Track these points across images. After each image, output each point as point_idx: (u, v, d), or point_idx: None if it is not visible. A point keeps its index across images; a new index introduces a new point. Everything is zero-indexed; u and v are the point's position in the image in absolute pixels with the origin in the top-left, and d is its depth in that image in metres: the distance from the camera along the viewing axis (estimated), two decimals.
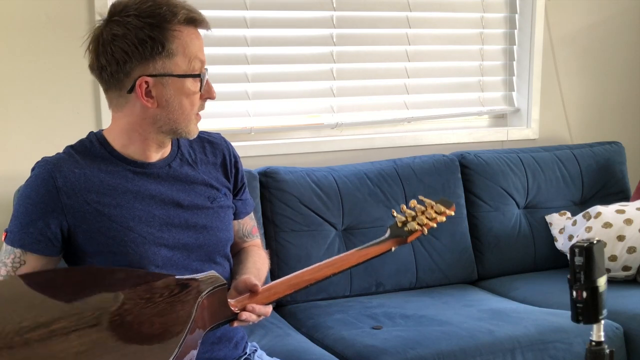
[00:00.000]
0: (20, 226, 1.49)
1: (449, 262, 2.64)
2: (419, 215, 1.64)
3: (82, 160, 1.53)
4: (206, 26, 1.51)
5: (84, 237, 1.49)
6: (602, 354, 1.28)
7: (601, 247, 1.27)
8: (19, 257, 1.49)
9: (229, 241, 1.65)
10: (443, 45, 2.98)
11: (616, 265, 2.53)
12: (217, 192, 1.63)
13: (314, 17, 2.75)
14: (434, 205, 1.65)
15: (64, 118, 2.40)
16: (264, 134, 2.79)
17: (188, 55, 1.47)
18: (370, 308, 2.35)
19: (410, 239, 1.61)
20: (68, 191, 1.48)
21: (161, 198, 1.55)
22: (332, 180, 2.54)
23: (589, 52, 3.19)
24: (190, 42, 1.47)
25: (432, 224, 1.63)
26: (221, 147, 1.69)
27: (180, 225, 1.56)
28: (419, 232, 1.62)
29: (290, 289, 1.50)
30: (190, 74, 1.48)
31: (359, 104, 2.89)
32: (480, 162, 2.76)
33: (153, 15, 1.44)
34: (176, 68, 1.47)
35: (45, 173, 1.49)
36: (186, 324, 1.29)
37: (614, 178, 2.94)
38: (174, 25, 1.45)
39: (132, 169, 1.54)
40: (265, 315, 1.47)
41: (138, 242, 1.50)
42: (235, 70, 2.66)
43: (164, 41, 1.44)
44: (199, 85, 1.50)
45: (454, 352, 2.02)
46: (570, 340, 2.13)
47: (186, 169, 1.60)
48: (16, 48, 2.32)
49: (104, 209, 1.49)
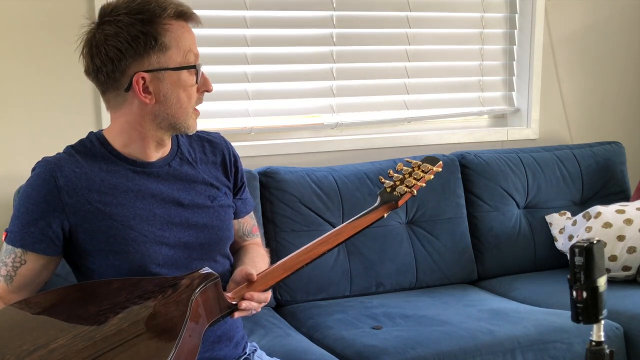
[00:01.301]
0: (21, 226, 1.49)
1: (449, 262, 2.64)
2: (406, 178, 1.63)
3: (82, 159, 1.53)
4: (196, 20, 1.52)
5: (85, 236, 1.50)
6: (602, 354, 1.28)
7: (601, 247, 1.27)
8: (19, 257, 1.49)
9: (229, 240, 1.66)
10: (443, 45, 2.98)
11: (616, 265, 2.53)
12: (217, 191, 1.64)
13: (314, 17, 2.75)
14: (421, 164, 1.65)
15: (64, 118, 2.40)
16: (264, 134, 2.79)
17: (181, 48, 1.48)
18: (370, 308, 2.35)
19: (400, 203, 1.61)
20: (69, 190, 1.49)
21: (162, 197, 1.55)
22: (332, 180, 2.54)
23: (589, 52, 3.19)
24: (182, 35, 1.48)
25: (421, 183, 1.63)
26: (221, 146, 1.70)
27: (180, 224, 1.56)
28: (408, 195, 1.62)
29: (287, 272, 1.51)
30: (186, 66, 1.49)
31: (359, 103, 2.89)
32: (480, 162, 2.76)
33: (143, 12, 1.45)
34: (171, 61, 1.47)
35: (47, 172, 1.49)
36: (181, 324, 1.29)
37: (614, 178, 2.94)
38: (164, 19, 1.46)
39: (132, 168, 1.54)
40: (265, 302, 1.49)
41: (139, 240, 1.50)
42: (235, 70, 2.66)
43: (156, 35, 1.45)
44: (194, 77, 1.50)
45: (454, 352, 2.02)
46: (570, 340, 2.13)
47: (186, 168, 1.61)
48: (16, 48, 2.32)
49: (105, 208, 1.50)
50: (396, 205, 1.61)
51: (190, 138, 1.67)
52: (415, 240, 2.60)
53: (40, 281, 1.54)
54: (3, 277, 1.50)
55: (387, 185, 1.63)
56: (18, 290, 1.51)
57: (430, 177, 1.64)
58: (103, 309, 1.38)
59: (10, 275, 1.49)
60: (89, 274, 1.54)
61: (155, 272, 1.51)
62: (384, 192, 1.63)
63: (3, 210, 2.29)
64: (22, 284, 1.51)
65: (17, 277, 1.50)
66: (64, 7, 2.34)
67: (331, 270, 2.46)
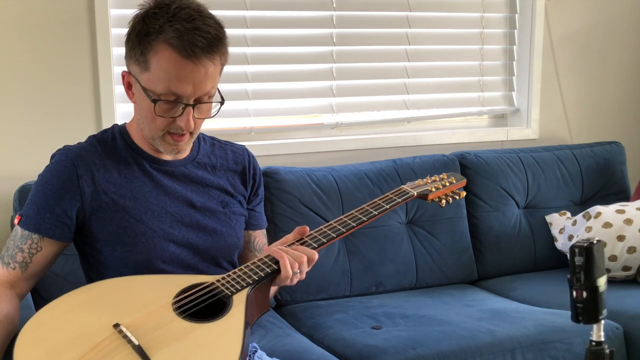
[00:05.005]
0: (37, 210, 1.51)
1: (449, 262, 2.64)
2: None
3: (102, 151, 1.55)
4: (194, 60, 1.42)
5: (97, 225, 1.52)
6: (602, 354, 1.28)
7: (601, 247, 1.27)
8: (36, 243, 1.51)
9: (237, 248, 1.66)
10: (443, 45, 2.98)
11: (616, 265, 2.53)
12: (232, 199, 1.65)
13: (314, 17, 2.75)
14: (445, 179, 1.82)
15: (64, 118, 2.40)
16: (264, 134, 2.79)
17: (157, 76, 1.44)
18: (370, 308, 2.35)
19: (430, 197, 1.75)
20: (88, 180, 1.51)
21: (175, 196, 1.57)
22: (332, 180, 2.54)
23: (589, 52, 3.19)
24: (165, 66, 1.42)
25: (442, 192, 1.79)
26: (243, 157, 1.72)
27: (190, 225, 1.58)
28: (437, 193, 1.77)
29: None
30: (147, 93, 1.46)
31: (359, 103, 2.89)
32: (480, 162, 2.76)
33: (148, 23, 1.44)
34: (142, 78, 1.46)
35: (68, 160, 1.51)
36: (240, 328, 1.38)
37: (614, 178, 2.94)
38: (157, 42, 1.42)
39: (149, 164, 1.57)
40: (312, 260, 1.52)
41: (148, 235, 1.52)
42: (235, 70, 2.66)
43: (144, 51, 1.44)
44: (153, 107, 1.45)
45: (454, 352, 2.02)
46: (570, 340, 2.13)
47: (202, 172, 1.62)
48: (16, 48, 2.32)
49: (119, 200, 1.52)
50: (425, 198, 1.73)
51: (213, 146, 1.69)
52: (415, 240, 2.60)
53: (46, 269, 1.56)
54: (19, 264, 1.51)
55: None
56: (29, 278, 1.53)
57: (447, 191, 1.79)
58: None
59: (26, 262, 1.51)
60: (95, 264, 1.56)
61: (161, 269, 1.52)
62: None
63: (3, 210, 2.29)
64: (35, 271, 1.53)
65: (32, 264, 1.51)
66: (64, 7, 2.34)
67: (331, 270, 2.46)
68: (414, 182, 1.79)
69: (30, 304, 1.88)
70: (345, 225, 1.60)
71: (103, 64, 2.38)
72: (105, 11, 2.37)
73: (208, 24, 1.44)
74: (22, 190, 2.17)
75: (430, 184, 1.77)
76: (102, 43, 2.37)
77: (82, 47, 2.36)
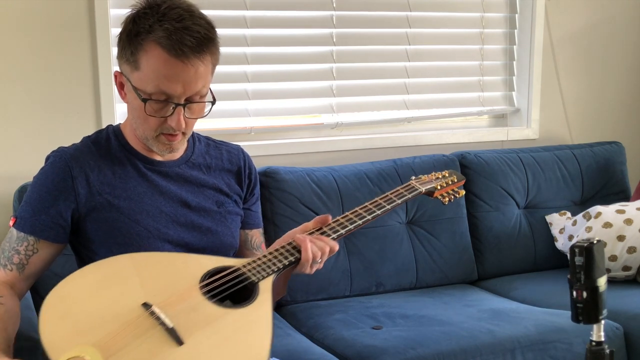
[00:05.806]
0: (32, 212, 1.51)
1: (449, 262, 2.64)
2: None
3: (97, 152, 1.56)
4: (183, 59, 1.41)
5: (92, 225, 1.52)
6: (602, 354, 1.28)
7: (601, 247, 1.27)
8: (32, 245, 1.51)
9: (232, 247, 1.66)
10: (443, 45, 2.98)
11: (616, 265, 2.53)
12: (227, 198, 1.65)
13: (314, 17, 2.75)
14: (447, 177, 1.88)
15: (64, 118, 2.40)
16: (264, 134, 2.79)
17: (147, 75, 1.44)
18: (370, 308, 2.35)
19: (436, 194, 1.81)
20: (82, 181, 1.51)
21: (170, 196, 1.57)
22: (332, 180, 2.54)
23: (589, 52, 3.19)
24: (155, 65, 1.43)
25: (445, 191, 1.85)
26: (238, 156, 1.72)
27: (185, 225, 1.58)
28: (440, 191, 1.82)
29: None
30: (137, 92, 1.46)
31: (359, 103, 2.89)
32: (480, 162, 2.76)
33: (138, 23, 1.44)
34: (133, 77, 1.46)
35: (62, 162, 1.52)
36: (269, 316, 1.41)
37: (614, 178, 2.94)
38: (147, 41, 1.43)
39: (143, 164, 1.57)
40: (333, 249, 1.54)
41: (143, 235, 1.52)
42: (235, 70, 2.66)
43: (134, 51, 1.45)
44: (143, 107, 1.46)
45: (454, 352, 2.02)
46: (570, 340, 2.13)
47: (196, 172, 1.62)
48: (16, 48, 2.32)
49: (114, 201, 1.52)
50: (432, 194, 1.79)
51: (208, 146, 1.69)
52: (415, 240, 2.60)
53: (44, 269, 1.56)
54: (16, 266, 1.51)
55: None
56: (27, 279, 1.53)
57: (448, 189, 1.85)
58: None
59: (22, 264, 1.51)
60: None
61: None
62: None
63: (3, 210, 2.29)
64: (32, 272, 1.53)
65: (29, 265, 1.51)
66: (64, 7, 2.34)
67: (331, 270, 2.46)
68: (419, 177, 1.83)
69: (30, 304, 1.88)
70: (361, 216, 1.63)
71: (103, 64, 2.38)
72: (105, 11, 2.37)
73: (198, 24, 1.43)
74: (22, 190, 2.17)
75: (435, 181, 1.82)
76: (102, 43, 2.37)
77: (82, 47, 2.36)
